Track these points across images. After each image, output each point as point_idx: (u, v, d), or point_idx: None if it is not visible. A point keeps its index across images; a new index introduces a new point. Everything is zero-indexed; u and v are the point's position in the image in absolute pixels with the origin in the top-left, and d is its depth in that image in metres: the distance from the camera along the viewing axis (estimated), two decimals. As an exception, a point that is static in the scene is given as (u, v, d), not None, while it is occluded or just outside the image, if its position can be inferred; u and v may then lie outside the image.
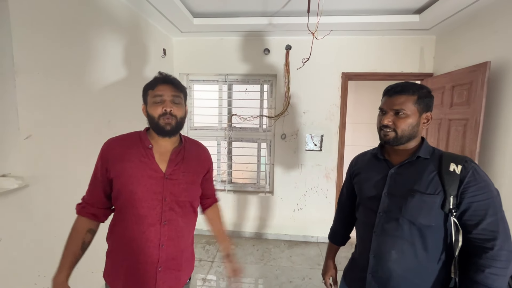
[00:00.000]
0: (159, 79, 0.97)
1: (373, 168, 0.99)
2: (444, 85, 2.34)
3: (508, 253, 0.76)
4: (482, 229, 0.78)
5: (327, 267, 1.19)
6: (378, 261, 0.91)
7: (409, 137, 0.88)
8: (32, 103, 1.28)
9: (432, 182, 0.83)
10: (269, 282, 2.30)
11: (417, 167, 0.88)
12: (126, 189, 0.92)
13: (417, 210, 0.83)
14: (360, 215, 1.02)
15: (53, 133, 1.42)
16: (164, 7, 2.16)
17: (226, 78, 2.99)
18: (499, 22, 1.92)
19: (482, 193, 0.79)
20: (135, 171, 0.93)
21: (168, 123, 0.94)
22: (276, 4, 2.24)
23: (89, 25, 1.64)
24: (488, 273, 0.75)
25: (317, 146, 2.91)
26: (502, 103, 1.89)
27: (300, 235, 3.04)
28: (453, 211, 0.80)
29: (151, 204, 0.94)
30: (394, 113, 0.87)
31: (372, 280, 0.92)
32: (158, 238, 0.94)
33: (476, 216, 0.78)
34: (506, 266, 0.75)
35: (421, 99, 0.86)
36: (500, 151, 1.89)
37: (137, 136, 1.00)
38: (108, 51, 1.83)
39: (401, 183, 0.89)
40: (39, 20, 1.30)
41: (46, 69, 1.35)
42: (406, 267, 0.86)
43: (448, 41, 2.50)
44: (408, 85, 0.88)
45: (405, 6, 2.23)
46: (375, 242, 0.91)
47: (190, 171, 1.03)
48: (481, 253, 0.78)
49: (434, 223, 0.82)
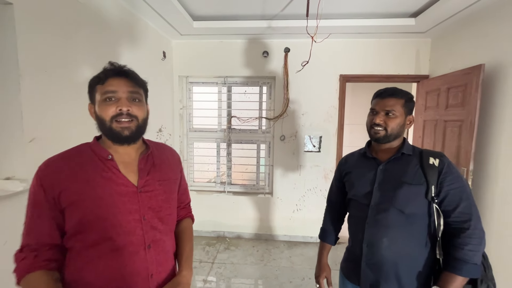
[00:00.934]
0: (110, 71, 0.77)
1: (363, 166, 1.08)
2: (440, 87, 2.39)
3: (480, 232, 0.89)
4: (459, 212, 0.90)
5: (321, 268, 1.19)
6: (371, 249, 0.99)
7: (396, 136, 0.99)
8: (36, 106, 1.29)
9: (416, 174, 0.95)
10: (269, 282, 2.32)
11: (402, 162, 0.99)
12: (91, 217, 0.72)
13: (405, 199, 0.94)
14: (352, 209, 1.11)
15: (57, 135, 1.43)
16: (165, 10, 2.18)
17: (226, 80, 3.01)
18: (492, 26, 1.97)
19: (456, 182, 0.91)
20: (99, 191, 0.73)
21: (126, 127, 0.75)
22: (275, 8, 2.28)
23: (90, 28, 1.65)
24: (466, 250, 0.87)
25: (315, 147, 2.94)
26: (496, 104, 1.93)
27: (300, 235, 3.07)
28: (435, 198, 0.92)
29: (129, 228, 0.75)
30: (385, 113, 0.98)
31: (367, 268, 1.01)
32: (146, 268, 0.77)
33: (453, 201, 0.90)
34: (479, 243, 0.87)
35: (407, 103, 0.99)
36: (494, 151, 1.93)
37: (85, 149, 0.79)
38: (109, 54, 1.85)
39: (390, 177, 0.99)
40: (43, 24, 1.32)
41: (49, 72, 1.36)
42: (396, 252, 0.95)
43: (443, 44, 2.55)
44: (397, 89, 1.00)
45: (402, 10, 2.28)
46: (367, 233, 1.00)
47: (166, 178, 0.87)
48: (459, 233, 0.89)
49: (420, 211, 0.93)
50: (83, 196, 0.73)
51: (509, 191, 1.82)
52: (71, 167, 0.75)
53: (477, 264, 0.87)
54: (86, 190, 0.73)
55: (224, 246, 2.93)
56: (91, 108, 0.79)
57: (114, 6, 1.88)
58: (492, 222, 1.94)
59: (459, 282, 0.86)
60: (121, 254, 0.74)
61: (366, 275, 1.01)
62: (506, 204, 1.84)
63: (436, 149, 2.40)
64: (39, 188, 0.72)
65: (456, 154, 2.14)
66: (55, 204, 0.73)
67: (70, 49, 1.50)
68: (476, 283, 0.90)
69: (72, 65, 1.52)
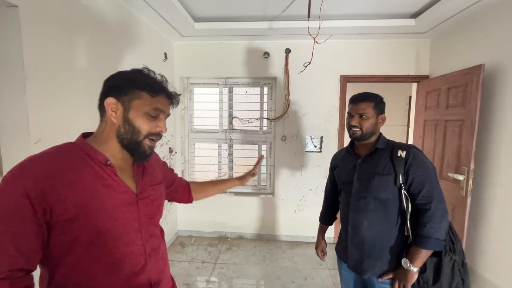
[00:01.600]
0: (164, 88, 0.75)
1: (346, 161, 1.27)
2: (440, 87, 2.40)
3: (442, 211, 1.04)
4: (422, 196, 1.05)
5: (318, 242, 1.47)
6: (355, 230, 1.18)
7: (371, 133, 1.16)
8: (41, 108, 1.30)
9: (386, 166, 1.11)
10: (271, 282, 2.32)
11: (376, 156, 1.15)
12: (91, 232, 0.64)
13: (378, 187, 1.10)
14: (341, 198, 1.30)
15: (62, 136, 1.43)
16: (166, 12, 2.19)
17: (227, 81, 3.02)
18: (492, 26, 1.99)
19: (420, 169, 1.05)
20: (101, 203, 0.66)
21: (153, 146, 0.75)
22: (276, 9, 2.29)
23: (93, 30, 1.66)
24: (428, 227, 1.02)
25: (317, 148, 2.95)
26: (496, 104, 1.95)
27: (301, 235, 3.08)
28: (403, 185, 1.07)
29: (128, 239, 0.70)
30: (359, 116, 1.14)
31: (352, 246, 1.19)
32: (148, 278, 0.73)
33: (418, 187, 1.06)
34: (440, 221, 1.03)
35: (377, 104, 1.15)
36: (495, 150, 1.95)
37: (76, 150, 0.69)
38: (112, 55, 1.85)
39: (366, 169, 1.16)
40: (48, 26, 1.33)
41: (54, 74, 1.37)
42: (374, 232, 1.13)
43: (443, 44, 2.57)
44: (368, 94, 1.16)
45: (402, 10, 2.30)
46: (351, 217, 1.19)
47: (156, 182, 0.84)
48: (423, 213, 1.05)
49: (391, 196, 1.09)
50: (86, 209, 0.63)
51: (510, 190, 1.83)
52: (64, 173, 0.63)
53: (439, 239, 1.02)
54: (87, 201, 0.64)
55: (226, 246, 2.93)
56: (117, 107, 0.70)
57: (116, 7, 1.89)
58: (493, 220, 1.96)
59: (424, 254, 1.03)
60: (122, 268, 0.68)
61: (352, 253, 1.20)
62: (508, 203, 1.85)
63: (437, 148, 2.42)
64: (23, 197, 0.58)
65: (457, 154, 2.15)
66: (44, 217, 0.60)
67: (74, 51, 1.50)
68: (441, 255, 1.05)
69: (76, 66, 1.52)
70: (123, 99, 0.70)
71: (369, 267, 1.14)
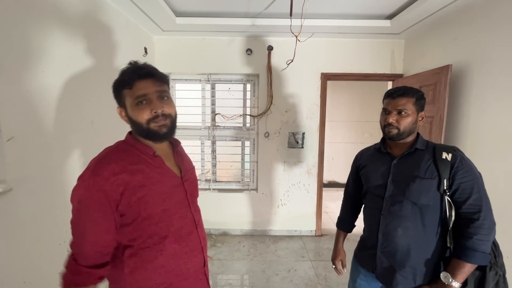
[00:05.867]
0: (135, 74, 0.77)
1: (377, 161, 1.14)
2: (413, 85, 2.54)
3: (490, 222, 0.93)
4: (469, 204, 0.94)
5: (337, 253, 1.30)
6: (386, 238, 1.06)
7: (409, 133, 1.04)
8: (13, 104, 1.22)
9: (429, 168, 0.99)
10: (256, 276, 2.37)
11: (415, 157, 1.04)
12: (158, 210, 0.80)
13: (418, 192, 0.99)
14: (367, 201, 1.17)
15: (36, 134, 1.36)
16: (147, 6, 2.13)
17: (209, 77, 3.00)
18: (458, 29, 2.14)
19: (468, 175, 0.95)
20: (160, 186, 0.81)
21: (163, 124, 0.79)
22: (259, 6, 2.30)
23: (69, 22, 1.58)
24: (475, 239, 0.92)
25: (299, 144, 3.02)
26: (462, 101, 2.11)
27: (284, 229, 3.15)
28: (447, 191, 0.96)
29: (183, 212, 0.87)
30: (397, 112, 1.02)
31: (382, 255, 1.08)
32: (199, 242, 0.91)
33: (464, 194, 0.95)
34: (489, 233, 0.92)
35: (418, 100, 1.03)
36: (460, 144, 2.12)
37: (129, 147, 0.82)
38: (89, 48, 1.77)
39: (403, 171, 1.04)
40: (18, 19, 1.25)
41: (26, 68, 1.29)
42: (409, 241, 1.01)
43: (416, 45, 2.73)
44: (408, 89, 1.04)
45: (379, 12, 2.41)
46: (383, 223, 1.07)
47: (191, 167, 0.99)
48: (469, 223, 0.94)
49: (432, 203, 0.98)
50: (150, 193, 0.78)
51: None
52: (126, 168, 0.76)
53: (486, 253, 0.92)
54: (149, 186, 0.78)
55: (210, 243, 2.93)
56: (121, 111, 0.82)
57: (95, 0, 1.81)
58: (459, 209, 2.13)
59: (467, 268, 0.92)
60: (181, 234, 0.85)
61: (381, 262, 1.08)
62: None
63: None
64: (97, 193, 0.72)
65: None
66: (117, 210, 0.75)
67: (47, 44, 1.43)
68: (485, 270, 0.95)
69: (49, 60, 1.45)
70: (121, 104, 0.82)
71: (401, 279, 1.03)
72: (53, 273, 1.49)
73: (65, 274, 0.75)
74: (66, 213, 1.53)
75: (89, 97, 1.78)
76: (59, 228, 1.51)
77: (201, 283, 0.94)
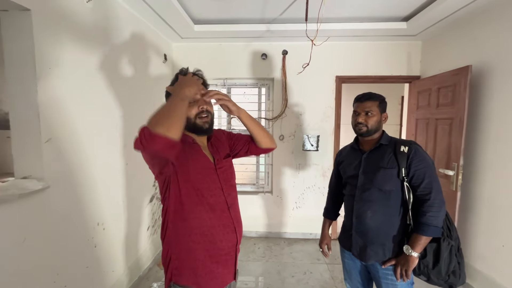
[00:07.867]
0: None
1: (352, 156, 1.35)
2: (431, 87, 2.52)
3: (440, 201, 1.13)
4: (423, 188, 1.14)
5: (323, 238, 1.50)
6: (359, 220, 1.26)
7: (376, 130, 1.25)
8: (52, 108, 1.33)
9: (390, 160, 1.20)
10: (272, 277, 2.39)
11: (380, 151, 1.25)
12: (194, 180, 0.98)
13: (383, 180, 1.19)
14: (346, 190, 1.37)
15: (72, 134, 1.48)
16: (167, 14, 2.24)
17: (225, 82, 3.08)
18: (478, 29, 2.10)
19: (421, 163, 1.15)
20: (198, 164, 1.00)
21: (206, 121, 1.01)
22: (274, 12, 2.36)
23: (98, 32, 1.70)
24: (428, 216, 1.12)
25: (313, 146, 3.03)
26: (483, 103, 2.07)
27: (299, 232, 3.15)
28: (405, 178, 1.16)
29: (215, 192, 1.02)
30: (365, 113, 1.24)
31: (356, 235, 1.28)
32: (231, 222, 1.05)
33: (419, 179, 1.15)
34: (439, 210, 1.12)
35: (381, 103, 1.25)
36: (482, 147, 2.06)
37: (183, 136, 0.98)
38: (115, 56, 1.89)
39: (371, 163, 1.25)
40: (58, 28, 1.37)
41: (64, 73, 1.41)
42: (378, 221, 1.21)
43: (433, 47, 2.69)
44: (373, 94, 1.26)
45: (394, 14, 2.40)
46: (356, 207, 1.27)
47: (225, 154, 1.13)
48: (423, 203, 1.14)
49: (394, 188, 1.18)
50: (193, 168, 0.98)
51: (497, 184, 1.94)
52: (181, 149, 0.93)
53: (438, 227, 1.11)
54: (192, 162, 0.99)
55: (226, 244, 2.97)
56: None
57: (119, 8, 1.93)
58: (481, 213, 2.07)
59: (424, 240, 1.12)
60: (215, 210, 1.01)
61: (356, 241, 1.28)
62: (495, 195, 1.96)
63: (428, 145, 2.53)
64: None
65: (447, 150, 2.26)
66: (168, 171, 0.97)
67: (80, 52, 1.54)
68: (439, 241, 1.14)
69: (83, 67, 1.56)
70: None
71: (372, 254, 1.22)
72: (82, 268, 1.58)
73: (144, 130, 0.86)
74: (93, 210, 1.63)
75: (115, 99, 1.90)
76: (86, 225, 1.60)
77: (230, 258, 1.06)
